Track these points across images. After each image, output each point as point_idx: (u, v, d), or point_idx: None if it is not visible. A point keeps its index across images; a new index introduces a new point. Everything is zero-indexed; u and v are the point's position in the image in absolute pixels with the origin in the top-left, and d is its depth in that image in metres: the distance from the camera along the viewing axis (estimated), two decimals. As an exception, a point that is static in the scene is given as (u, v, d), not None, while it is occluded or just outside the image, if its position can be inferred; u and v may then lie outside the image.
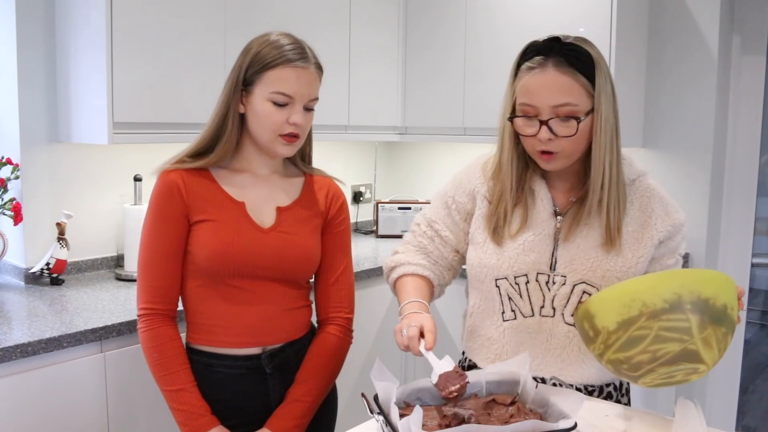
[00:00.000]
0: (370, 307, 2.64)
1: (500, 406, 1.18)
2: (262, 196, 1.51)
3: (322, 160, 1.70)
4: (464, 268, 1.51)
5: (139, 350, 1.48)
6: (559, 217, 1.39)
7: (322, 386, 1.52)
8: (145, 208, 1.51)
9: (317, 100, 1.49)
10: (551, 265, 1.37)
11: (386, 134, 3.17)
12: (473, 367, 1.47)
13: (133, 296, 2.06)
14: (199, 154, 1.49)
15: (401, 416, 1.04)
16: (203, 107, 1.57)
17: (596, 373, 1.38)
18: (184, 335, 1.50)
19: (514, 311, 1.39)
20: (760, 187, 2.84)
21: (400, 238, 1.82)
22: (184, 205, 1.45)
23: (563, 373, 1.37)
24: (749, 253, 2.85)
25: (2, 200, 2.13)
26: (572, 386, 1.38)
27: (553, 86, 1.28)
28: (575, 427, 1.05)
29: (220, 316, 1.46)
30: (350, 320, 1.59)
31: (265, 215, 1.50)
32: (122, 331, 1.81)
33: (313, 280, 1.60)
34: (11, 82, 2.19)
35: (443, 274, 1.51)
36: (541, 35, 1.35)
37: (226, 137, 1.46)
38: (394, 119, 3.16)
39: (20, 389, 1.63)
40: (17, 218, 2.13)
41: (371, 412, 1.11)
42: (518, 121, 1.34)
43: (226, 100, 1.46)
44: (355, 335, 1.61)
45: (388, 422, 1.06)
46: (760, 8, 2.73)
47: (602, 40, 2.50)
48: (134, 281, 2.25)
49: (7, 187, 2.13)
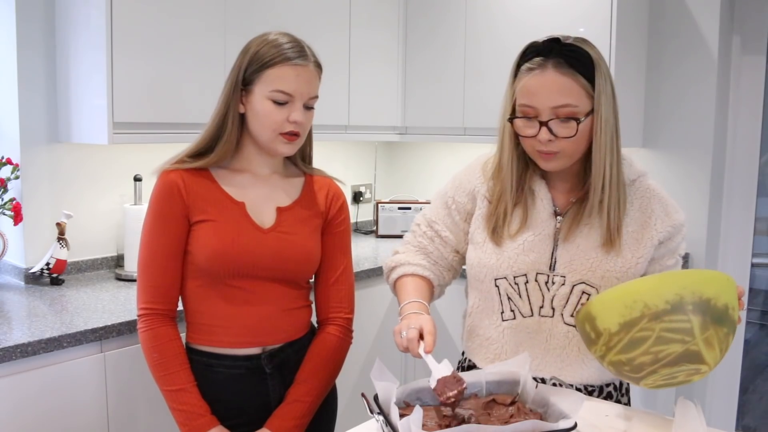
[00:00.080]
0: (370, 307, 2.64)
1: (500, 406, 1.18)
2: (262, 196, 1.51)
3: (322, 160, 1.70)
4: (464, 268, 1.51)
5: (139, 350, 1.48)
6: (559, 217, 1.39)
7: (322, 386, 1.52)
8: (145, 208, 1.51)
9: (317, 98, 1.49)
10: (551, 265, 1.37)
11: (386, 134, 3.17)
12: (473, 367, 1.47)
13: (133, 296, 2.06)
14: (199, 154, 1.48)
15: (401, 416, 1.04)
16: (203, 107, 1.57)
17: (596, 373, 1.38)
18: (183, 335, 1.50)
19: (513, 311, 1.39)
20: (760, 187, 2.84)
21: (400, 238, 1.82)
22: (184, 205, 1.45)
23: (563, 373, 1.37)
24: (749, 253, 2.85)
25: (2, 200, 2.13)
26: (572, 386, 1.38)
27: (552, 87, 1.28)
28: (575, 427, 1.05)
29: (220, 316, 1.46)
30: (350, 320, 1.59)
31: (265, 215, 1.50)
32: (122, 331, 1.81)
33: (313, 280, 1.60)
34: (11, 82, 2.19)
35: (443, 274, 1.51)
36: (541, 35, 1.35)
37: (226, 137, 1.46)
38: (394, 119, 3.16)
39: (20, 389, 1.63)
40: (17, 218, 2.13)
41: (371, 412, 1.11)
42: (518, 122, 1.34)
43: (225, 99, 1.46)
44: (355, 335, 1.61)
45: (388, 422, 1.06)
46: (760, 8, 2.73)
47: (602, 40, 2.50)
48: (134, 281, 2.25)
49: (7, 187, 2.13)
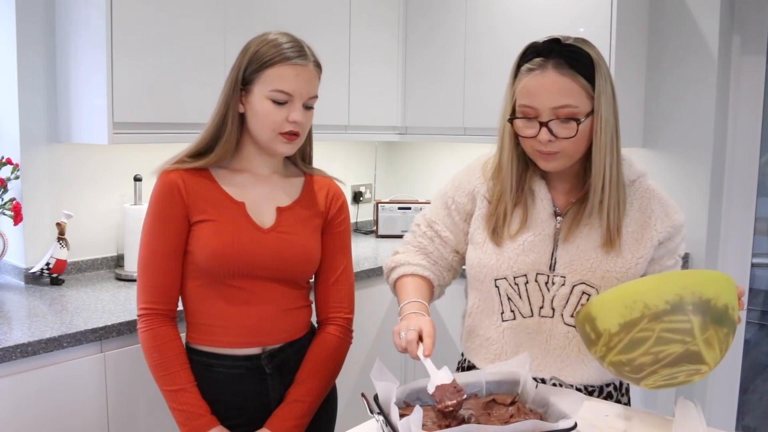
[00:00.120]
0: (370, 307, 2.64)
1: (500, 406, 1.18)
2: (262, 196, 1.51)
3: (322, 160, 1.70)
4: (464, 268, 1.51)
5: (139, 350, 1.48)
6: (558, 217, 1.39)
7: (321, 386, 1.52)
8: (145, 208, 1.51)
9: (316, 98, 1.49)
10: (551, 265, 1.37)
11: (386, 134, 3.17)
12: (472, 367, 1.47)
13: (133, 296, 2.06)
14: (199, 154, 1.48)
15: (401, 416, 1.04)
16: (203, 107, 1.57)
17: (596, 373, 1.38)
18: (183, 335, 1.50)
19: (513, 311, 1.39)
20: (760, 187, 2.84)
21: (400, 238, 1.82)
22: (184, 205, 1.45)
23: (563, 373, 1.37)
24: (749, 253, 2.85)
25: (2, 200, 2.13)
26: (572, 386, 1.38)
27: (552, 88, 1.28)
28: (575, 427, 1.05)
29: (219, 316, 1.46)
30: (350, 320, 1.59)
31: (265, 215, 1.50)
32: (122, 331, 1.81)
33: (313, 280, 1.60)
34: (11, 82, 2.19)
35: (443, 274, 1.51)
36: (541, 35, 1.34)
37: (225, 137, 1.46)
38: (394, 119, 3.16)
39: (20, 389, 1.63)
40: (17, 218, 2.13)
41: (371, 412, 1.11)
42: (518, 122, 1.34)
43: (225, 99, 1.46)
44: (355, 335, 1.61)
45: (388, 422, 1.06)
46: (760, 8, 2.73)
47: (602, 40, 2.50)
48: (134, 281, 2.25)
49: (7, 187, 2.13)
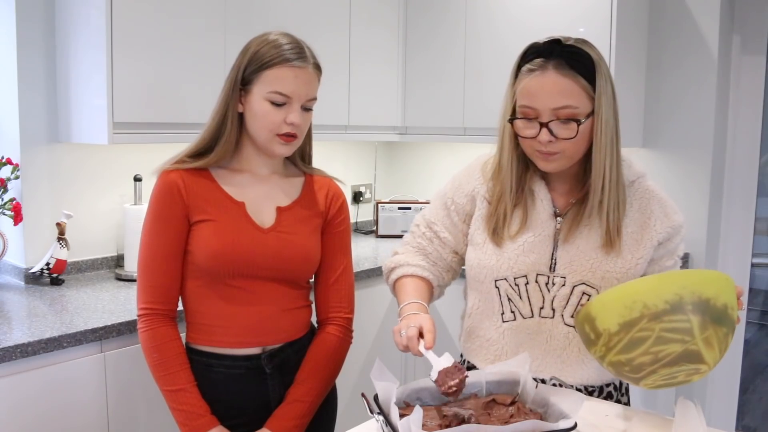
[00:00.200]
0: (370, 307, 2.64)
1: (500, 406, 1.18)
2: (261, 196, 1.51)
3: (322, 160, 1.70)
4: (463, 269, 1.51)
5: (139, 350, 1.48)
6: (558, 218, 1.39)
7: (321, 386, 1.52)
8: (145, 208, 1.51)
9: (315, 100, 1.49)
10: (551, 266, 1.37)
11: (386, 134, 3.17)
12: (472, 368, 1.47)
13: (133, 296, 2.06)
14: (198, 154, 1.48)
15: (401, 416, 1.04)
16: (203, 107, 1.57)
17: (596, 373, 1.38)
18: (183, 335, 1.50)
19: (513, 312, 1.39)
20: (760, 187, 2.84)
21: (400, 238, 1.82)
22: (184, 205, 1.45)
23: (563, 374, 1.37)
24: (749, 253, 2.85)
25: (2, 200, 2.13)
26: (572, 387, 1.38)
27: (553, 89, 1.28)
28: (575, 427, 1.05)
29: (219, 316, 1.46)
30: (350, 320, 1.59)
31: (265, 215, 1.50)
32: (122, 331, 1.81)
33: (313, 280, 1.60)
34: (11, 82, 2.19)
35: (442, 275, 1.51)
36: (541, 35, 1.34)
37: (225, 137, 1.46)
38: (394, 119, 3.16)
39: (20, 389, 1.63)
40: (17, 218, 2.13)
41: (371, 412, 1.11)
42: (518, 122, 1.34)
43: (224, 99, 1.46)
44: (355, 335, 1.61)
45: (388, 422, 1.06)
46: (760, 8, 2.73)
47: (602, 40, 2.50)
48: (134, 281, 2.25)
49: (7, 187, 2.13)
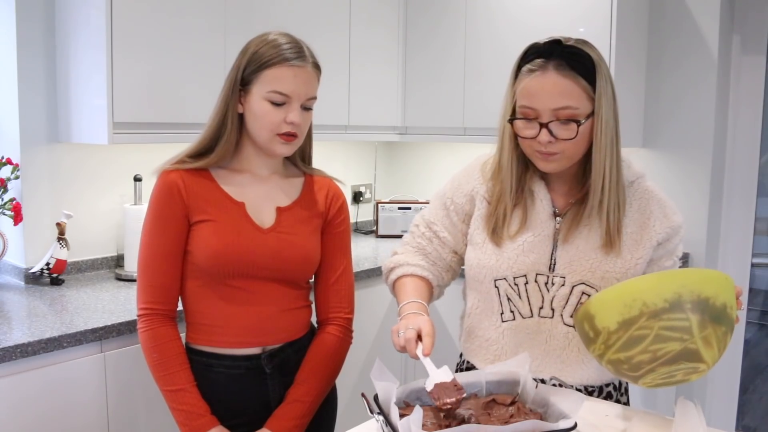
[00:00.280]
0: (370, 307, 2.64)
1: (500, 406, 1.18)
2: (261, 196, 1.51)
3: (322, 160, 1.70)
4: (462, 268, 1.51)
5: (139, 350, 1.48)
6: (558, 218, 1.39)
7: (321, 386, 1.52)
8: (145, 208, 1.51)
9: (315, 99, 1.49)
10: (550, 266, 1.37)
11: (386, 134, 3.17)
12: (471, 368, 1.47)
13: (133, 296, 2.06)
14: (199, 154, 1.49)
15: (401, 416, 1.04)
16: (203, 107, 1.57)
17: (596, 373, 1.38)
18: (183, 335, 1.50)
19: (513, 312, 1.39)
20: (760, 187, 2.84)
21: (400, 238, 1.82)
22: (184, 205, 1.45)
23: (563, 374, 1.37)
24: (749, 253, 2.85)
25: (2, 200, 2.13)
26: (572, 387, 1.38)
27: (553, 89, 1.27)
28: (575, 427, 1.05)
29: (219, 316, 1.46)
30: (350, 320, 1.59)
31: (264, 215, 1.50)
32: (122, 331, 1.81)
33: (312, 280, 1.60)
34: (11, 82, 2.19)
35: (442, 275, 1.51)
36: (541, 35, 1.34)
37: (225, 137, 1.46)
38: (394, 119, 3.16)
39: (20, 389, 1.63)
40: (17, 218, 2.13)
41: (371, 412, 1.11)
42: (518, 123, 1.34)
43: (224, 100, 1.46)
44: (355, 335, 1.61)
45: (388, 422, 1.06)
46: (760, 8, 2.73)
47: (602, 40, 2.50)
48: (134, 281, 2.25)
49: (7, 187, 2.13)
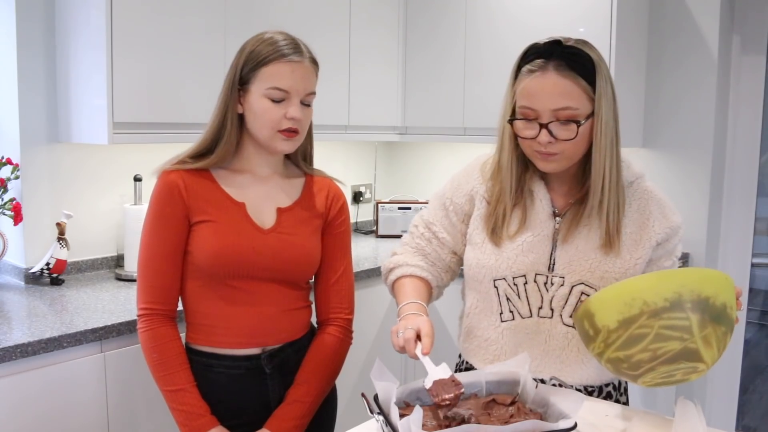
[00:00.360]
0: (369, 307, 2.64)
1: (500, 406, 1.18)
2: (262, 196, 1.51)
3: (322, 160, 1.70)
4: (462, 269, 1.51)
5: (139, 350, 1.48)
6: (557, 218, 1.39)
7: (321, 387, 1.52)
8: (145, 208, 1.51)
9: (314, 94, 1.48)
10: (550, 266, 1.37)
11: (386, 134, 3.17)
12: (471, 368, 1.47)
13: (133, 296, 2.06)
14: (200, 155, 1.49)
15: (401, 416, 1.04)
16: (203, 107, 1.57)
17: (595, 373, 1.38)
18: (183, 335, 1.50)
19: (512, 312, 1.39)
20: (760, 187, 2.84)
21: (400, 238, 1.82)
22: (184, 205, 1.45)
23: (562, 374, 1.37)
24: (749, 253, 2.85)
25: (2, 200, 2.13)
26: (572, 387, 1.38)
27: (553, 90, 1.27)
28: (575, 427, 1.05)
29: (219, 316, 1.46)
30: (350, 321, 1.59)
31: (265, 216, 1.50)
32: (122, 331, 1.81)
33: (313, 280, 1.60)
34: (11, 82, 2.19)
35: (441, 275, 1.51)
36: (541, 35, 1.34)
37: (225, 138, 1.46)
38: (394, 119, 3.16)
39: (20, 389, 1.63)
40: (17, 218, 2.13)
41: (371, 412, 1.11)
42: (518, 123, 1.34)
43: (224, 100, 1.46)
44: (355, 335, 1.61)
45: (388, 422, 1.06)
46: (760, 8, 2.73)
47: (602, 40, 2.50)
48: (134, 281, 2.25)
49: (7, 187, 2.13)
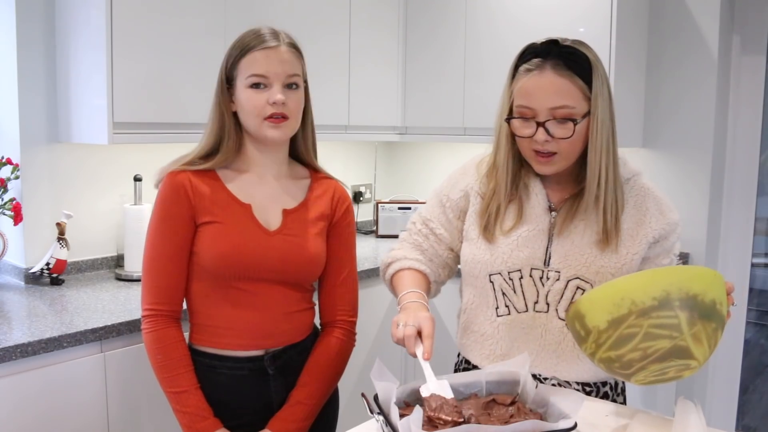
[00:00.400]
0: (370, 307, 2.64)
1: (500, 406, 1.18)
2: (268, 197, 1.51)
3: (322, 160, 1.70)
4: (459, 267, 1.52)
5: (139, 350, 1.48)
6: (553, 212, 1.40)
7: (324, 389, 1.52)
8: (145, 208, 1.51)
9: (299, 77, 1.47)
10: (545, 260, 1.37)
11: (386, 134, 3.17)
12: (469, 366, 1.47)
13: (133, 296, 2.07)
14: (206, 155, 1.49)
15: (401, 416, 1.04)
16: (203, 107, 1.57)
17: (592, 368, 1.38)
18: (186, 335, 1.50)
19: (508, 306, 1.39)
20: (760, 186, 2.84)
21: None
22: (190, 206, 1.45)
23: (558, 368, 1.38)
24: (749, 253, 2.85)
25: (2, 200, 2.13)
26: (568, 384, 1.38)
27: (550, 88, 1.28)
28: (575, 427, 1.05)
29: (223, 318, 1.46)
30: (353, 323, 1.59)
31: (271, 217, 1.50)
32: (122, 331, 1.80)
33: (317, 282, 1.60)
34: (11, 82, 2.19)
35: (438, 271, 1.52)
36: (540, 35, 1.35)
37: (226, 138, 1.47)
38: (394, 119, 3.16)
39: (20, 389, 1.63)
40: (17, 218, 2.13)
41: (371, 412, 1.11)
42: (515, 122, 1.34)
43: (216, 101, 1.47)
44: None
45: (388, 422, 1.06)
46: (760, 8, 2.73)
47: (602, 40, 2.50)
48: (134, 281, 2.25)
49: (7, 187, 2.13)
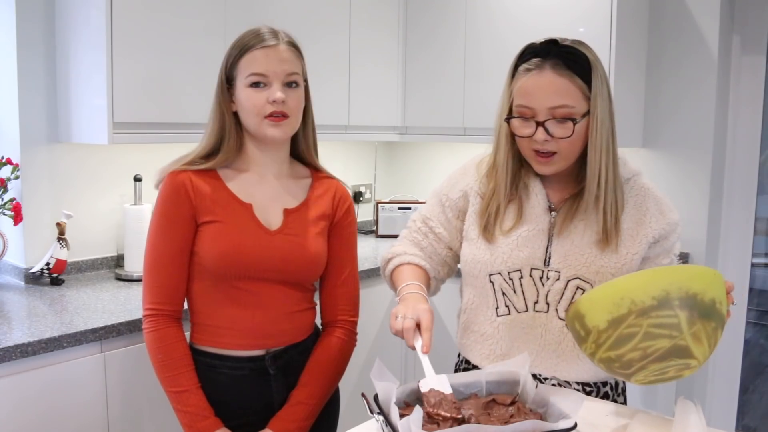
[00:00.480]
0: (370, 307, 2.64)
1: (500, 406, 1.18)
2: (269, 197, 1.51)
3: (322, 160, 1.70)
4: (459, 267, 1.52)
5: (139, 350, 1.48)
6: (553, 212, 1.40)
7: (325, 389, 1.52)
8: (145, 208, 1.51)
9: (299, 75, 1.47)
10: (545, 260, 1.37)
11: (386, 134, 3.17)
12: (469, 366, 1.47)
13: (133, 296, 2.07)
14: (208, 155, 1.49)
15: (401, 416, 1.04)
16: (203, 107, 1.57)
17: (592, 368, 1.38)
18: (187, 335, 1.50)
19: (508, 306, 1.40)
20: (760, 186, 2.84)
21: (399, 238, 1.82)
22: (191, 205, 1.45)
23: (558, 368, 1.38)
24: (749, 253, 2.85)
25: (2, 200, 2.13)
26: (568, 383, 1.38)
27: (549, 88, 1.29)
28: (575, 427, 1.05)
29: (225, 317, 1.46)
30: (355, 323, 1.59)
31: (272, 217, 1.50)
32: (122, 331, 1.80)
33: (318, 282, 1.60)
34: (11, 82, 2.19)
35: (438, 269, 1.52)
36: (541, 35, 1.35)
37: (227, 137, 1.47)
38: (394, 119, 3.16)
39: (20, 389, 1.63)
40: (17, 218, 2.13)
41: (371, 412, 1.11)
42: (515, 122, 1.34)
43: (217, 101, 1.48)
44: (355, 336, 1.61)
45: (388, 422, 1.06)
46: (760, 8, 2.73)
47: (602, 40, 2.50)
48: (134, 281, 2.25)
49: (7, 187, 2.13)
